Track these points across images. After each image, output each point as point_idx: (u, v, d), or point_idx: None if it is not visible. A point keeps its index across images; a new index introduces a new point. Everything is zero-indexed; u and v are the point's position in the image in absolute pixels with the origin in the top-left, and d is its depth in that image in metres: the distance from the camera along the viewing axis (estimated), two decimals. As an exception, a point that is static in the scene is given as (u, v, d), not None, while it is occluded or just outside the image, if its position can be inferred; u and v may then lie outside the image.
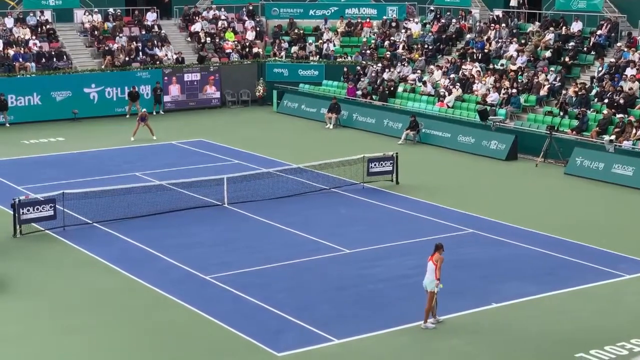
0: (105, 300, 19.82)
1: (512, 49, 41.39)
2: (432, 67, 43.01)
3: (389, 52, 45.98)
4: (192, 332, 18.00)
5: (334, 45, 48.98)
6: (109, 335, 17.90)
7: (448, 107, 39.22)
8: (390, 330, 17.98)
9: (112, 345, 17.48)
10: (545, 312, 19.06)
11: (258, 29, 50.67)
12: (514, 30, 43.17)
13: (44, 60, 43.93)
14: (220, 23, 50.00)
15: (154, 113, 43.11)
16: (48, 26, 46.22)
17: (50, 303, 19.70)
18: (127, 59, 45.28)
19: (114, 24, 47.35)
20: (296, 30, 50.77)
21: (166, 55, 46.38)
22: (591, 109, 34.96)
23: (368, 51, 47.22)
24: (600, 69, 37.43)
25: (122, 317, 18.83)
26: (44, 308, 19.42)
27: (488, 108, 36.96)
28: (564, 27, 41.36)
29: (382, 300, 19.61)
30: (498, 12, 45.63)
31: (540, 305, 19.40)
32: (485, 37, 43.54)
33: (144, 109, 38.54)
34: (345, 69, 45.51)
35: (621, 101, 34.35)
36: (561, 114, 35.58)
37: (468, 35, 44.78)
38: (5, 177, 30.65)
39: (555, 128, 33.89)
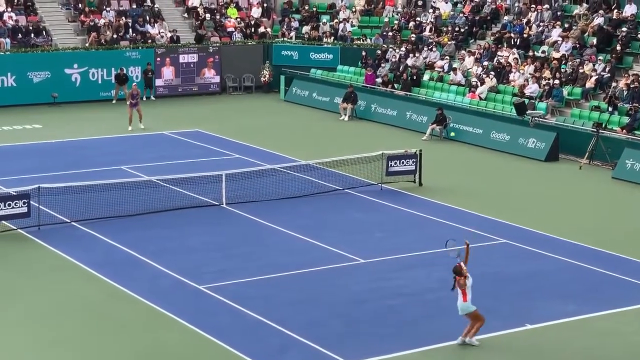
0: (85, 310, 19.84)
1: (555, 34, 41.29)
2: (463, 52, 42.95)
3: (413, 35, 45.94)
4: (182, 349, 18.00)
5: (352, 26, 48.97)
6: (88, 350, 17.91)
7: (480, 99, 39.18)
8: (411, 352, 17.94)
9: (92, 362, 17.53)
10: (589, 334, 19.02)
11: (265, 5, 50.72)
12: (558, 13, 43.06)
13: (20, 36, 44.02)
14: (221, -3, 50.09)
15: (144, 99, 43.17)
16: (26, -3, 46.37)
17: (21, 312, 19.70)
18: (114, 36, 45.35)
19: (101, -4, 47.50)
20: (308, 8, 50.76)
21: (159, 33, 46.42)
22: (644, 105, 34.93)
23: (390, 33, 47.19)
24: (656, 58, 37.39)
25: (103, 330, 18.84)
26: (15, 318, 19.44)
27: (526, 101, 36.89)
28: (615, 10, 41.24)
29: (401, 318, 19.59)
30: (540, -8, 45.56)
31: (583, 327, 19.35)
32: (524, 20, 43.46)
33: (134, 83, 38.32)
34: (363, 53, 45.51)
35: (679, 96, 34.28)
36: (610, 109, 35.50)
37: (505, 18, 44.70)
38: (-26, 168, 30.79)
39: (603, 125, 33.82)
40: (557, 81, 37.82)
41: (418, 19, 47.76)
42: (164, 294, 20.70)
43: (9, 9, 45.19)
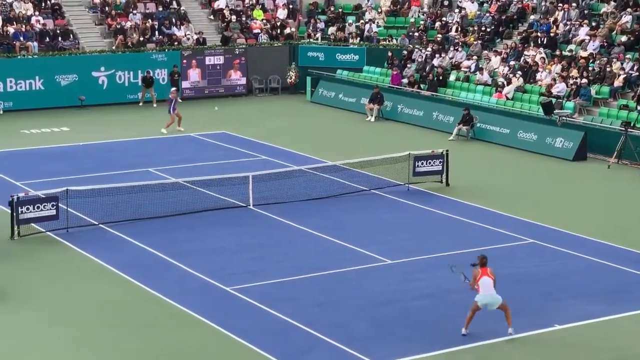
0: (113, 312, 19.93)
1: (583, 33, 41.10)
2: (489, 52, 42.80)
3: (440, 35, 45.85)
4: (209, 350, 18.06)
5: (378, 26, 48.92)
6: (116, 352, 18.00)
7: (507, 98, 39.05)
8: (437, 354, 17.90)
9: (120, 363, 17.62)
10: (618, 335, 18.90)
11: (291, 6, 50.75)
12: (585, 11, 42.86)
13: (47, 39, 44.29)
14: (247, -1, 50.17)
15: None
16: (53, 1, 46.61)
17: (51, 314, 19.84)
18: (141, 39, 45.53)
19: (127, -1, 47.71)
20: (334, 9, 50.75)
21: (185, 35, 46.57)
22: (673, 103, 34.73)
23: (416, 33, 47.11)
24: (684, 56, 37.13)
25: (131, 332, 18.93)
26: (43, 319, 19.57)
27: (554, 100, 36.74)
28: (643, 8, 41.05)
29: (428, 319, 19.56)
30: (567, -10, 45.36)
31: (612, 328, 19.24)
32: (551, 19, 43.28)
33: (174, 88, 38.27)
34: (389, 54, 45.46)
35: None
36: (638, 108, 35.31)
37: (532, 17, 44.56)
38: (3, 172, 30.94)
39: (632, 124, 33.63)
40: (584, 80, 37.62)
41: (444, 19, 47.66)
42: (191, 295, 20.76)
43: (37, 13, 45.47)
